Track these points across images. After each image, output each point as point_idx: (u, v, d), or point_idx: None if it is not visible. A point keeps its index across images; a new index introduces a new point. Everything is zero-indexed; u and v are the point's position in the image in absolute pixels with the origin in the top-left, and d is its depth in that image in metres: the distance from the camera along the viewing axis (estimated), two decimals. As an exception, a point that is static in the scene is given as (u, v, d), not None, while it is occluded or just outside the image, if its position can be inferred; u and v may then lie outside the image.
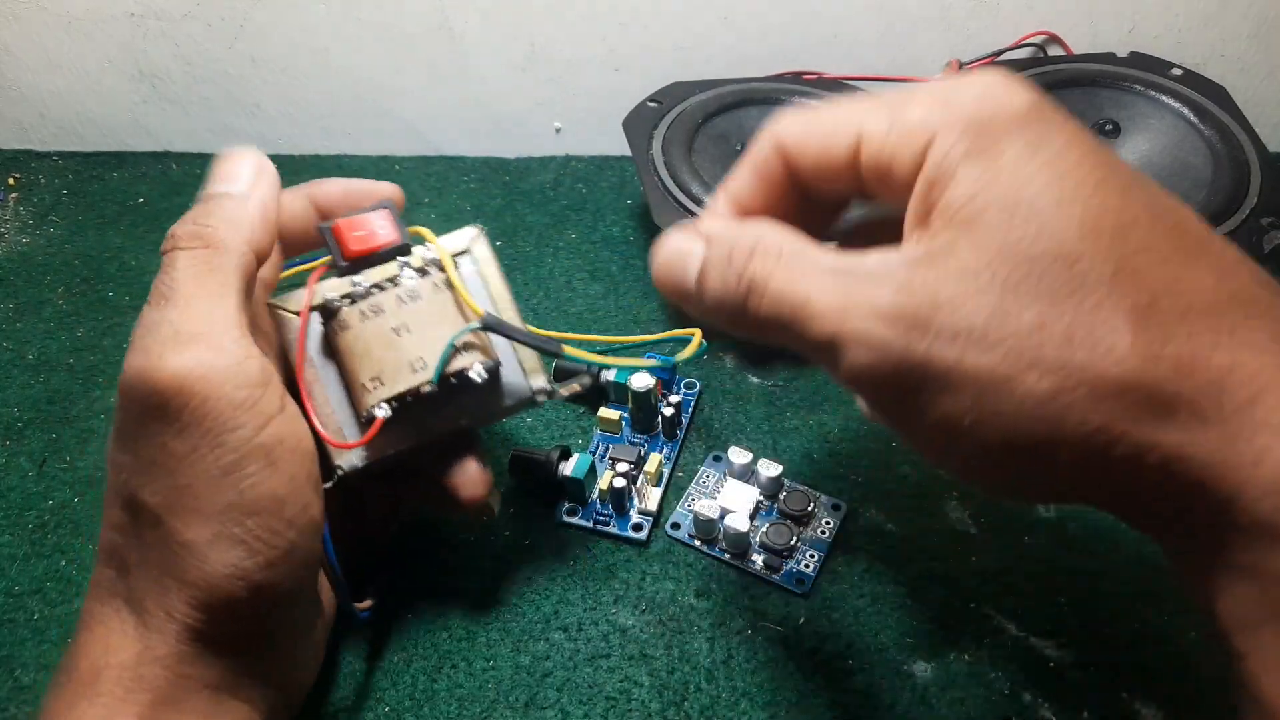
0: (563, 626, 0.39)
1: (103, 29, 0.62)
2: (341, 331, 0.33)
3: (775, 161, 0.28)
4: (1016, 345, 0.22)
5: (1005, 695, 0.36)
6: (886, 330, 0.23)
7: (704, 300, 0.27)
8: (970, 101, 0.24)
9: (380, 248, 0.34)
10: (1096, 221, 0.22)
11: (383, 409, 0.32)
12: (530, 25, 0.61)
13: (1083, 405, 0.22)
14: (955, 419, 0.23)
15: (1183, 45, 0.61)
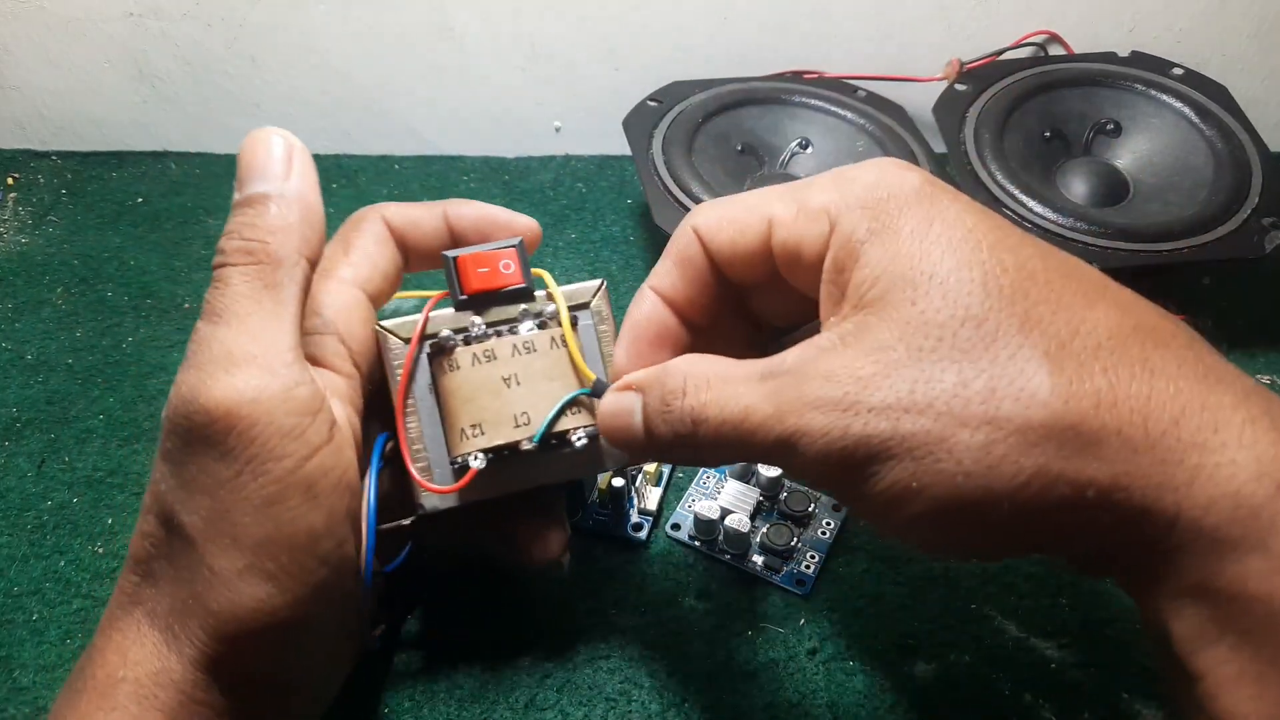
0: (562, 628, 0.39)
1: (102, 29, 0.62)
2: (450, 370, 0.32)
3: (695, 250, 0.29)
4: (943, 408, 0.23)
5: (1006, 696, 0.36)
6: (823, 419, 0.24)
7: (658, 445, 0.28)
8: (867, 186, 0.26)
9: (502, 287, 0.32)
10: (996, 280, 0.24)
11: (478, 459, 0.31)
12: (530, 25, 0.61)
13: (1016, 453, 0.22)
14: (902, 485, 0.23)
15: (1184, 45, 0.61)
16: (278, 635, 0.27)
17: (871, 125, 0.55)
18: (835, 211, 0.26)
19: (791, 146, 0.56)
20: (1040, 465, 0.22)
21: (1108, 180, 0.54)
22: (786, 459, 0.25)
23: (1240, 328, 0.52)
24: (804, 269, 0.27)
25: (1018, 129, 0.54)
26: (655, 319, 0.30)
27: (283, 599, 0.27)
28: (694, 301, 0.30)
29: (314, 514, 0.27)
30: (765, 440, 0.25)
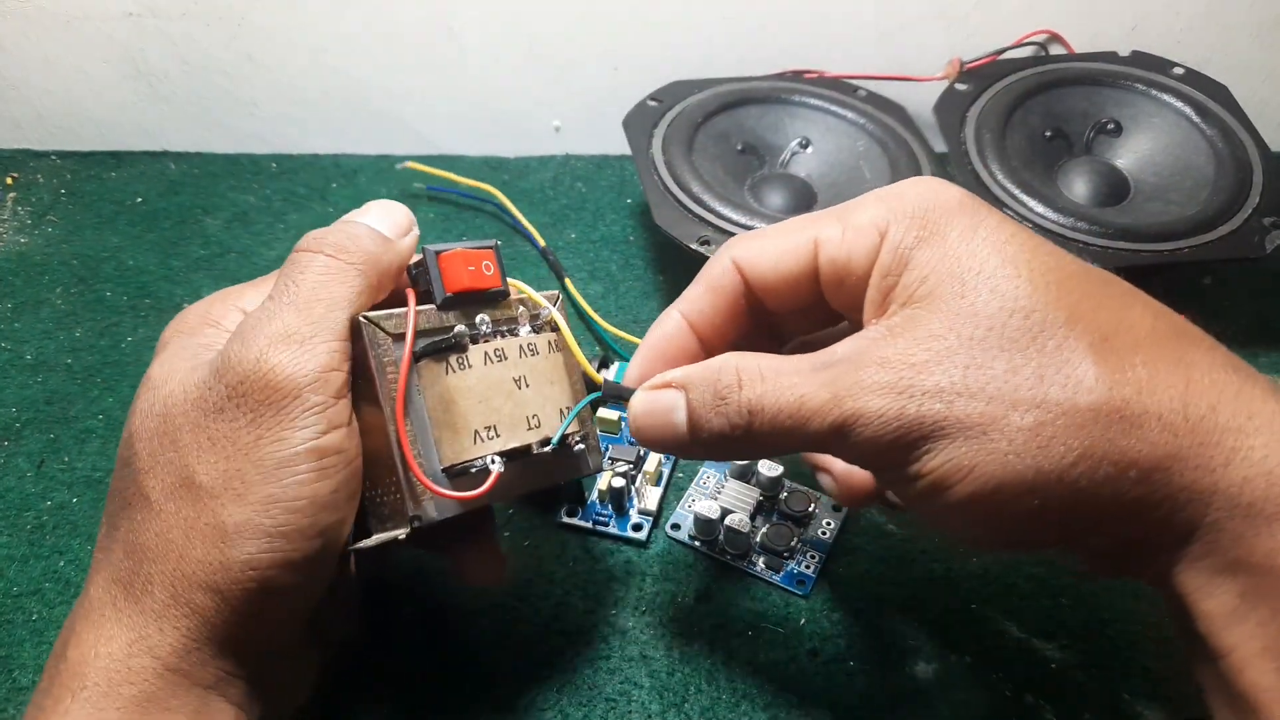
0: (563, 628, 0.38)
1: (100, 28, 0.62)
2: (459, 369, 0.30)
3: (732, 280, 0.31)
4: (995, 391, 0.24)
5: (1007, 697, 0.36)
6: (878, 402, 0.25)
7: (704, 440, 0.29)
8: (913, 199, 0.28)
9: (485, 289, 0.31)
10: (1042, 278, 0.25)
11: (496, 463, 0.30)
12: (530, 24, 0.61)
13: (1065, 434, 0.24)
14: (954, 465, 0.25)
15: (1185, 44, 0.61)
16: (264, 599, 0.28)
17: (872, 125, 0.55)
18: (884, 225, 0.27)
19: (792, 146, 0.56)
20: (1087, 445, 0.24)
21: (1109, 180, 0.54)
22: (841, 442, 0.26)
23: (1240, 328, 0.52)
24: (851, 284, 0.28)
25: (1019, 128, 0.54)
26: (677, 340, 0.32)
27: (271, 557, 0.27)
28: (719, 328, 0.31)
29: (320, 485, 0.28)
30: (820, 426, 0.26)
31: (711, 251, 0.46)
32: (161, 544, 0.28)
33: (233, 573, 0.27)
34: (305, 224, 0.60)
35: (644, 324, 0.52)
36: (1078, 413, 0.24)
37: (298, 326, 0.28)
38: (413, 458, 0.29)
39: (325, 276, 0.30)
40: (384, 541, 0.30)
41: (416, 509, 0.29)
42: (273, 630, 0.29)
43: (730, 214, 0.48)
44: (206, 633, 0.28)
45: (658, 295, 0.54)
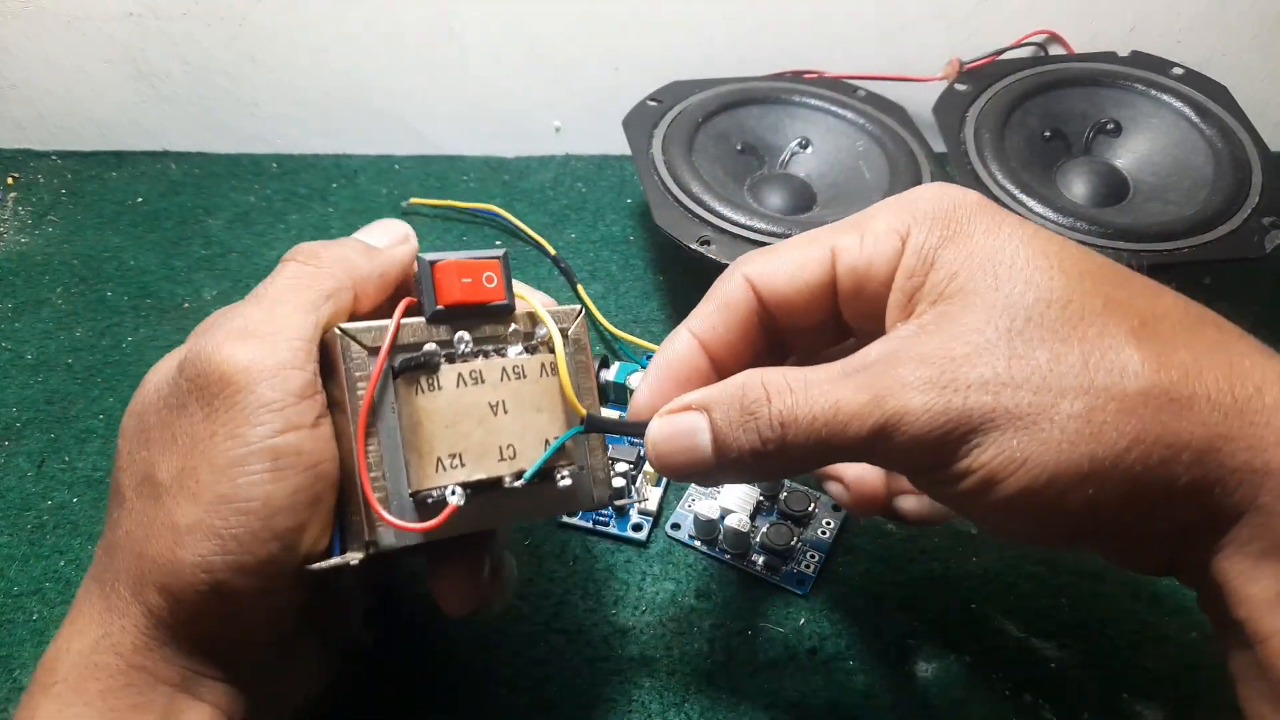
0: (563, 628, 0.39)
1: (101, 28, 0.62)
2: (429, 390, 0.28)
3: (745, 296, 0.29)
4: (1041, 381, 0.24)
5: (1006, 696, 0.36)
6: (922, 398, 0.24)
7: (733, 460, 0.27)
8: (931, 201, 0.27)
9: (483, 302, 0.29)
10: (1074, 268, 0.25)
11: (456, 494, 0.28)
12: (530, 24, 0.61)
13: (1117, 420, 0.23)
14: (1005, 457, 0.24)
15: (1184, 44, 0.61)
16: (218, 600, 0.27)
17: (872, 125, 0.55)
18: (904, 229, 0.27)
19: (791, 146, 0.56)
20: (1140, 430, 0.23)
21: (1108, 180, 0.54)
22: (883, 445, 0.25)
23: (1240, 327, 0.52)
24: (871, 291, 0.28)
25: (1018, 129, 0.54)
26: (689, 360, 0.30)
27: (223, 560, 0.27)
28: (732, 346, 0.30)
29: (275, 486, 0.27)
30: (860, 430, 0.25)
31: (712, 251, 0.46)
32: (128, 541, 0.28)
33: (183, 574, 0.27)
34: (306, 224, 0.60)
35: (644, 324, 0.52)
36: (1127, 398, 0.23)
37: (259, 323, 0.28)
38: (368, 481, 0.27)
39: (295, 279, 0.30)
40: (336, 566, 0.28)
41: (371, 535, 0.28)
42: (241, 631, 0.29)
43: (730, 214, 0.48)
44: (164, 632, 0.28)
45: (658, 295, 0.54)
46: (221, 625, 0.28)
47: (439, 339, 0.29)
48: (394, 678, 0.37)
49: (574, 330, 0.32)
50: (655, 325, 0.52)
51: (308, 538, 0.28)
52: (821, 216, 0.51)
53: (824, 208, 0.53)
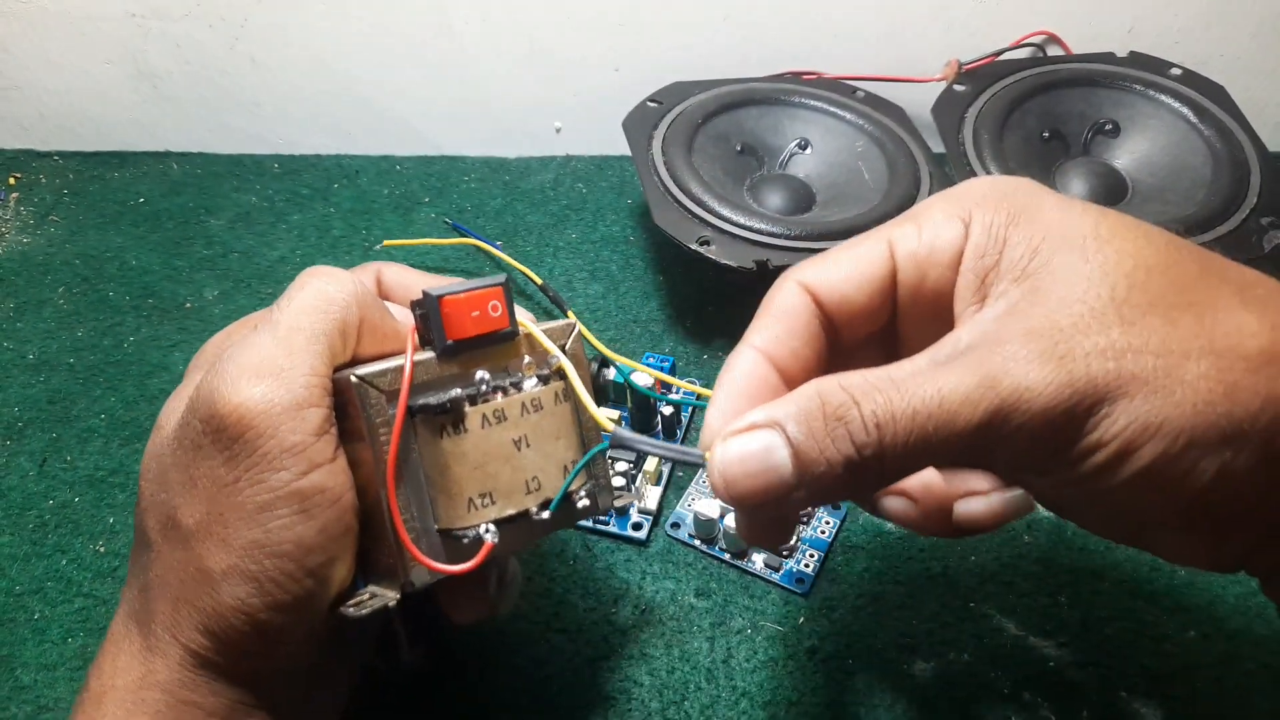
0: (563, 628, 0.39)
1: (103, 29, 0.62)
2: (455, 434, 0.28)
3: (802, 303, 0.27)
4: (1161, 344, 0.22)
5: (1005, 695, 0.36)
6: (1041, 371, 0.22)
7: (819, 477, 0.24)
8: (989, 186, 0.26)
9: (490, 332, 0.29)
10: (1160, 239, 0.24)
11: (490, 532, 0.28)
12: (530, 25, 0.61)
13: (1246, 379, 0.22)
14: (1138, 425, 0.22)
15: (1182, 45, 0.61)
16: (259, 638, 0.28)
17: (871, 125, 0.55)
18: (965, 214, 0.26)
19: (790, 147, 0.56)
20: (1270, 389, 0.22)
21: (1107, 180, 0.54)
22: (1000, 431, 0.23)
23: None
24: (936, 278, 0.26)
25: (1017, 129, 0.54)
26: (758, 377, 0.27)
27: (262, 601, 0.27)
28: (798, 356, 0.28)
29: (304, 527, 0.27)
30: (972, 418, 0.22)
31: (711, 252, 0.46)
32: (159, 584, 0.28)
33: (224, 617, 0.27)
34: (308, 224, 0.61)
35: (644, 324, 0.52)
36: (1250, 358, 0.22)
37: (274, 358, 0.27)
38: (403, 526, 0.27)
39: (313, 304, 0.28)
40: (375, 610, 0.28)
41: (406, 575, 0.28)
42: (281, 662, 0.29)
43: (730, 214, 0.48)
44: (207, 669, 0.28)
45: (658, 295, 0.55)
46: (262, 660, 0.28)
47: (452, 374, 0.29)
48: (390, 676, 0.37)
49: (571, 346, 0.31)
50: (655, 325, 0.52)
51: (340, 571, 0.28)
52: (821, 217, 0.51)
53: (823, 208, 0.53)
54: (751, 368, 0.27)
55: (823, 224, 0.48)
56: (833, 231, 0.48)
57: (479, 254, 0.58)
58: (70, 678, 0.37)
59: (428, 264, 0.57)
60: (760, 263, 0.45)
